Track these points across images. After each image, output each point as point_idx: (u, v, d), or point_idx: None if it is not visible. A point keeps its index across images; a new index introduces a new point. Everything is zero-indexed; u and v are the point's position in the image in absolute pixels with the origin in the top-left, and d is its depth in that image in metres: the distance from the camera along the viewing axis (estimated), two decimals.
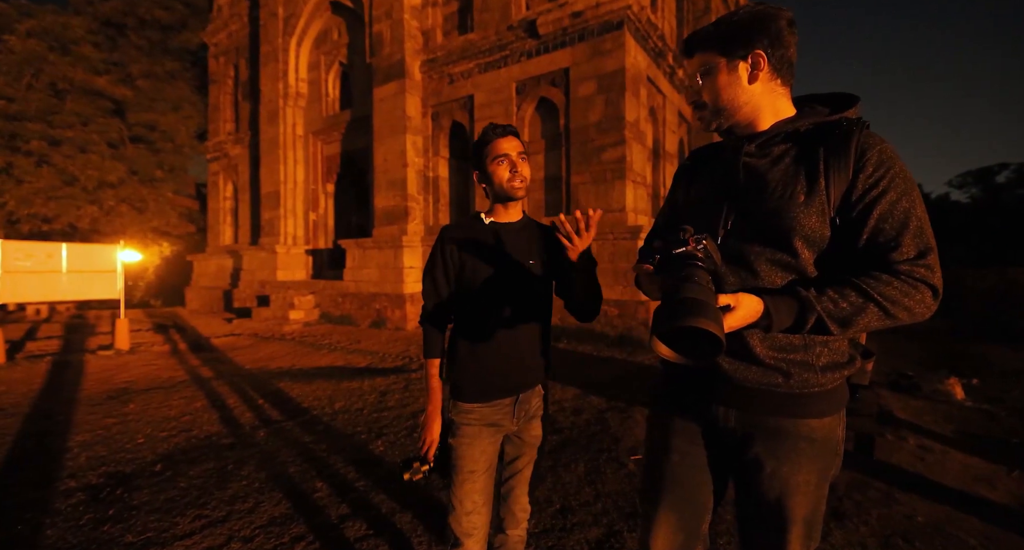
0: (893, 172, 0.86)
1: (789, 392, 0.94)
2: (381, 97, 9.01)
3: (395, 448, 3.05)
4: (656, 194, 8.43)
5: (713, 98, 0.97)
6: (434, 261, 1.41)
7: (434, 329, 1.41)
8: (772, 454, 0.96)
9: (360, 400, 4.13)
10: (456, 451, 1.35)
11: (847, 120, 0.91)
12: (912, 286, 0.84)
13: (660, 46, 7.68)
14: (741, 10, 0.93)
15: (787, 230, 0.90)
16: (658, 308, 0.82)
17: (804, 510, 0.96)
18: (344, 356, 6.26)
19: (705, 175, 1.09)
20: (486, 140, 1.38)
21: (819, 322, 0.86)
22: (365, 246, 8.95)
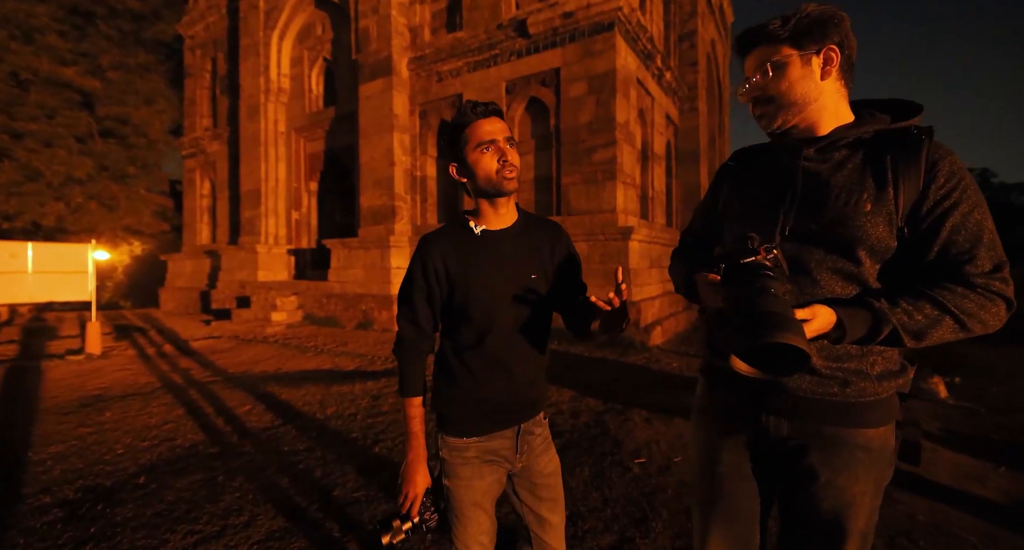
0: (964, 184, 0.85)
1: (845, 401, 0.92)
2: (367, 94, 8.84)
3: (394, 455, 2.96)
4: (645, 195, 8.49)
5: (784, 92, 0.93)
6: (412, 282, 1.17)
7: (413, 362, 1.19)
8: (828, 464, 0.93)
9: (352, 405, 4.01)
10: (453, 494, 1.17)
11: (916, 128, 0.89)
12: (989, 299, 0.83)
13: (649, 48, 7.74)
14: (807, 9, 0.92)
15: (852, 239, 0.88)
16: (731, 322, 0.79)
17: (859, 523, 0.94)
18: (331, 359, 6.10)
19: (755, 178, 1.05)
20: (464, 122, 1.12)
21: (893, 334, 0.84)
22: (351, 246, 8.76)
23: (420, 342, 1.20)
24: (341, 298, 8.82)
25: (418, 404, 1.19)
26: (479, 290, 1.15)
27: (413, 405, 1.18)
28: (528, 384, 1.21)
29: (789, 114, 0.94)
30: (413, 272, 1.18)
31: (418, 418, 1.19)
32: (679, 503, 2.32)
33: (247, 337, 7.96)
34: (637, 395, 4.15)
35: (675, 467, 2.73)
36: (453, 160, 1.17)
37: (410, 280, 1.19)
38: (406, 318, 1.20)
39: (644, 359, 5.69)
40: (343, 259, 8.92)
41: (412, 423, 1.18)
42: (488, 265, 1.16)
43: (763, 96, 0.96)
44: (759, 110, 0.98)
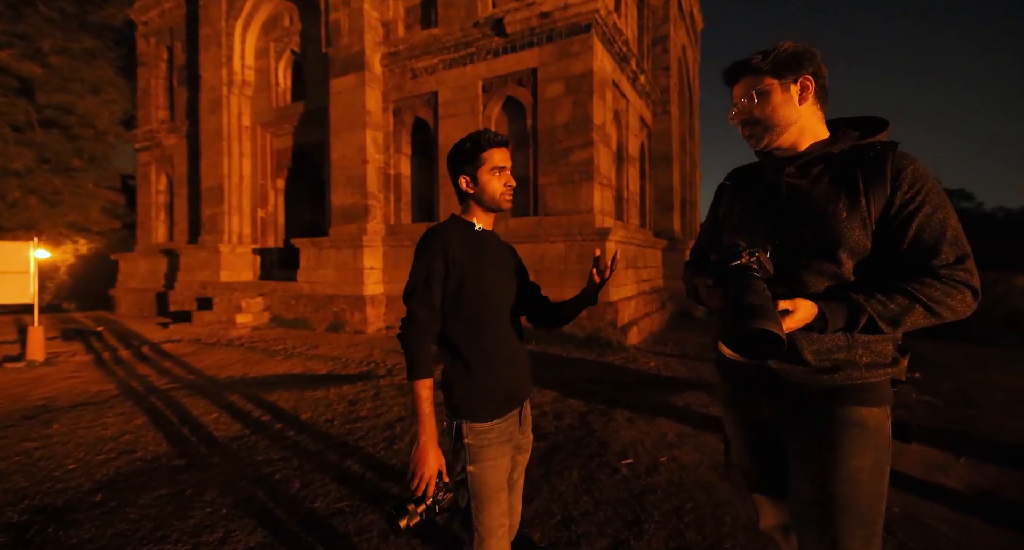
0: (927, 188, 0.97)
1: (834, 384, 1.02)
2: (338, 89, 8.58)
3: (375, 462, 2.85)
4: (620, 196, 8.59)
5: (768, 115, 1.07)
6: (431, 268, 1.27)
7: (424, 344, 1.26)
8: (823, 440, 1.02)
9: (328, 410, 3.85)
10: (479, 478, 1.26)
11: (880, 143, 1.02)
12: (954, 287, 0.94)
13: (624, 51, 7.83)
14: (784, 46, 1.07)
15: (833, 243, 1.00)
16: (721, 315, 0.94)
17: (858, 503, 0.99)
18: (303, 362, 5.87)
19: (748, 193, 1.20)
20: (481, 147, 1.32)
21: (870, 322, 0.95)
22: (321, 245, 8.47)
23: (433, 324, 1.28)
24: (311, 299, 8.51)
25: (429, 385, 1.25)
26: (492, 278, 1.31)
27: (425, 386, 1.24)
28: (525, 363, 1.42)
29: (773, 134, 1.09)
30: (432, 258, 1.27)
31: (429, 399, 1.24)
32: (669, 504, 2.34)
33: (210, 340, 7.56)
34: (618, 395, 4.17)
35: (662, 467, 2.74)
36: (465, 174, 1.34)
37: (428, 265, 1.27)
38: (421, 301, 1.27)
39: (622, 359, 5.74)
40: (313, 259, 8.62)
41: (423, 404, 1.23)
42: (494, 258, 1.35)
43: (750, 119, 1.10)
44: (748, 131, 1.12)
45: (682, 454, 2.93)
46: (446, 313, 1.31)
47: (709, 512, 2.26)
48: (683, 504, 2.33)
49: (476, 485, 1.26)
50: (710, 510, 2.28)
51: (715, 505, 2.32)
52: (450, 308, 1.30)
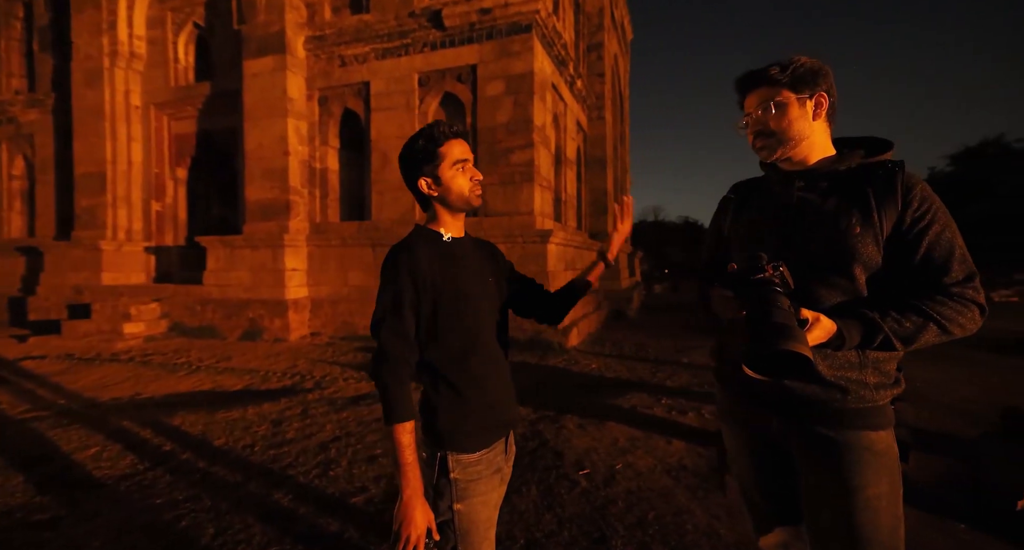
0: (935, 207, 0.99)
1: (846, 407, 1.02)
2: (254, 72, 7.74)
3: (309, 494, 2.48)
4: (558, 198, 8.64)
5: (784, 128, 1.07)
6: (399, 293, 1.11)
7: (403, 381, 1.09)
8: (838, 468, 1.01)
9: (247, 434, 3.35)
10: (468, 517, 1.11)
11: (891, 162, 1.05)
12: (964, 305, 0.96)
13: (563, 54, 7.89)
14: (801, 60, 1.06)
15: (846, 257, 1.01)
16: (746, 332, 0.90)
17: (880, 531, 0.98)
18: (212, 377, 5.14)
19: (755, 206, 1.19)
20: (437, 142, 1.17)
21: (885, 340, 0.96)
22: (234, 244, 7.58)
23: (410, 356, 1.12)
24: (221, 304, 7.58)
25: (410, 429, 1.07)
26: (471, 293, 1.17)
27: (405, 431, 1.06)
28: (512, 383, 1.27)
29: (787, 148, 1.08)
30: (398, 281, 1.11)
31: (411, 446, 1.07)
32: (632, 515, 2.28)
33: (87, 355, 6.42)
34: (566, 400, 4.10)
35: (619, 475, 2.69)
36: (425, 176, 1.18)
37: (395, 290, 1.11)
38: (393, 332, 1.10)
39: (564, 361, 5.72)
40: (224, 259, 7.68)
41: (404, 453, 1.05)
42: (468, 271, 1.20)
43: (765, 130, 1.09)
44: (760, 142, 1.11)
45: (636, 460, 2.90)
46: (422, 338, 1.15)
47: (671, 521, 2.23)
48: (645, 515, 2.28)
49: (465, 525, 1.11)
50: (671, 519, 2.24)
51: (675, 513, 2.29)
52: (427, 332, 1.15)
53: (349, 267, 7.51)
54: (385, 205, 7.51)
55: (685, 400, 4.12)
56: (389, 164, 7.46)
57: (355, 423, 3.56)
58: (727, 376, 1.23)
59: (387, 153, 7.47)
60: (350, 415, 3.74)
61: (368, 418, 3.66)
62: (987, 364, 5.50)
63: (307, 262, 7.73)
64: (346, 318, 7.43)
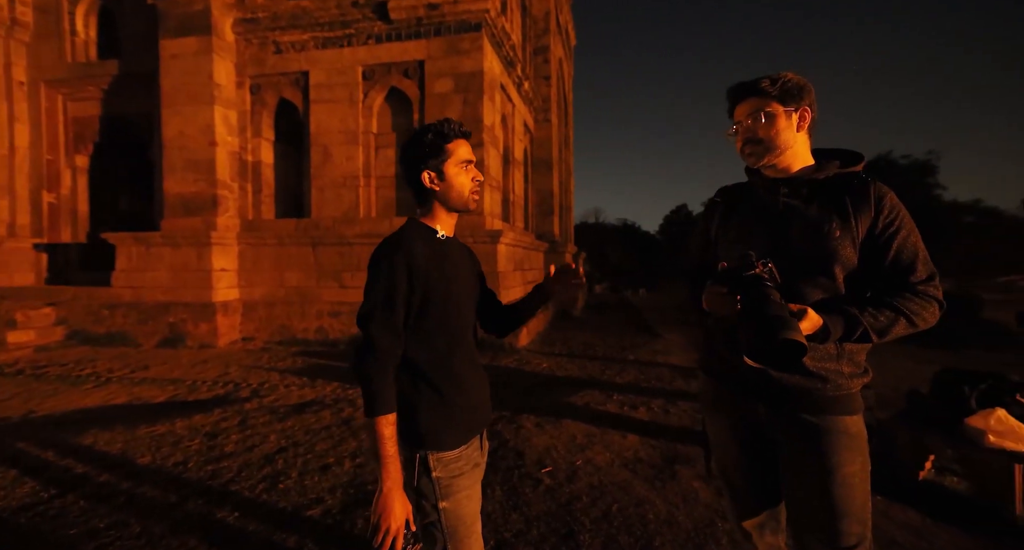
0: (902, 214, 1.11)
1: (825, 394, 1.12)
2: (174, 53, 7.04)
3: (258, 509, 2.30)
4: (507, 199, 8.66)
5: (772, 137, 1.15)
6: (393, 286, 1.11)
7: (387, 374, 1.10)
8: (819, 450, 1.11)
9: (177, 450, 3.03)
10: (455, 513, 1.12)
11: (864, 173, 1.17)
12: (927, 301, 1.08)
13: (511, 56, 7.93)
14: (788, 76, 1.16)
15: (828, 258, 1.11)
16: (744, 325, 0.98)
17: (854, 504, 1.09)
18: (127, 389, 4.60)
19: (743, 210, 1.28)
20: (446, 138, 1.18)
21: (864, 332, 1.06)
22: (151, 242, 6.83)
23: (396, 351, 1.12)
24: (134, 308, 6.81)
25: (393, 421, 1.08)
26: (457, 294, 1.19)
27: (388, 423, 1.07)
28: (488, 382, 1.30)
29: (772, 156, 1.17)
30: (394, 273, 1.11)
31: (392, 438, 1.07)
32: (597, 509, 2.32)
33: None
34: (520, 400, 4.12)
35: (580, 471, 2.74)
36: (429, 169, 1.18)
37: (389, 282, 1.11)
38: (383, 325, 1.10)
39: (515, 361, 5.75)
40: (138, 258, 6.91)
41: (386, 445, 1.06)
42: (457, 269, 1.22)
43: (754, 138, 1.17)
44: (749, 149, 1.19)
45: (594, 455, 2.97)
46: (407, 336, 1.15)
47: (633, 512, 2.30)
48: (609, 508, 2.34)
49: (452, 522, 1.12)
50: (634, 510, 2.32)
51: (637, 504, 2.37)
52: (412, 329, 1.15)
53: (286, 267, 7.05)
54: (326, 202, 7.13)
55: (635, 395, 4.28)
56: (331, 159, 7.10)
57: (302, 432, 3.34)
58: (714, 367, 1.31)
59: (328, 148, 7.10)
60: (295, 423, 3.51)
61: (316, 426, 3.45)
62: (891, 351, 6.12)
63: (238, 262, 7.15)
64: (283, 321, 6.97)
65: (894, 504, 2.35)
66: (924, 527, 2.17)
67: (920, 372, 4.93)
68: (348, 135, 7.03)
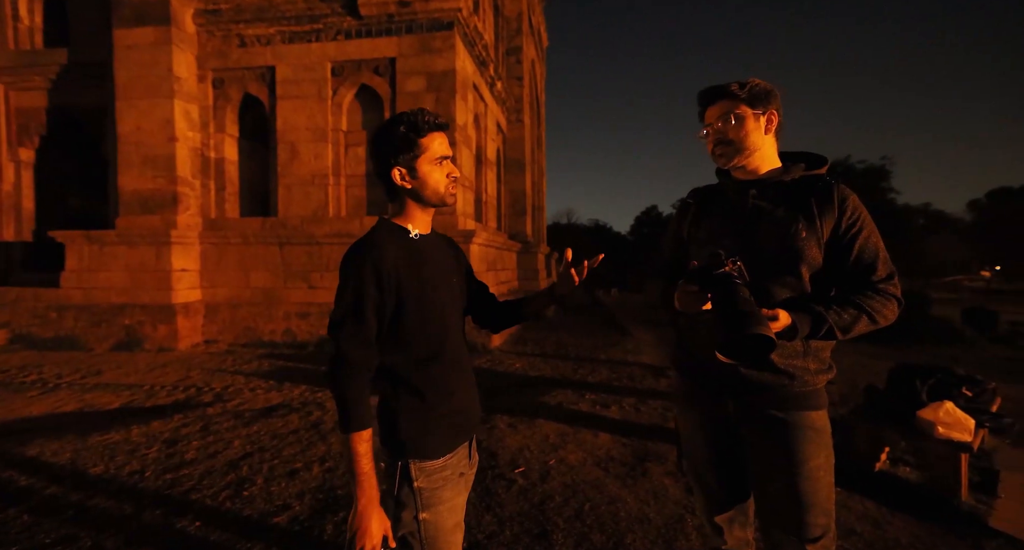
0: (864, 215, 1.15)
1: (793, 390, 1.15)
2: (129, 43, 6.71)
3: (221, 518, 2.21)
4: (479, 199, 8.64)
5: (742, 138, 1.19)
6: (363, 294, 1.03)
7: (362, 388, 1.04)
8: (785, 444, 1.14)
9: (133, 458, 2.89)
10: (434, 525, 1.07)
11: (829, 176, 1.22)
12: (887, 299, 1.12)
13: (484, 55, 7.92)
14: (756, 80, 1.19)
15: (795, 258, 1.14)
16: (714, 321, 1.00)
17: (819, 496, 1.13)
18: (77, 396, 4.35)
19: (714, 211, 1.30)
20: (420, 132, 1.08)
21: (829, 330, 1.09)
22: (104, 241, 6.49)
23: (370, 362, 1.06)
24: (86, 311, 6.45)
25: (368, 438, 1.03)
26: (434, 297, 1.12)
27: (363, 440, 1.02)
28: (476, 386, 1.23)
29: (742, 157, 1.20)
30: (362, 280, 1.04)
31: (368, 454, 1.03)
32: (569, 508, 2.33)
33: None
34: (493, 400, 4.11)
35: (553, 471, 2.74)
36: (400, 166, 1.10)
37: (358, 290, 1.04)
38: (354, 336, 1.04)
39: (488, 362, 5.74)
40: (90, 258, 6.55)
41: (361, 462, 1.01)
42: (435, 271, 1.14)
43: (724, 139, 1.20)
44: (720, 150, 1.22)
45: (567, 454, 2.97)
46: (384, 342, 1.08)
47: (606, 510, 2.31)
48: (582, 506, 2.34)
49: (431, 534, 1.07)
50: (606, 507, 2.33)
51: (609, 502, 2.39)
52: (389, 336, 1.08)
53: (252, 267, 6.82)
54: (294, 201, 6.94)
55: (607, 394, 4.33)
56: (299, 157, 6.91)
57: (268, 437, 3.24)
58: (685, 364, 1.33)
59: (296, 145, 6.91)
60: (262, 428, 3.40)
61: (283, 430, 3.36)
62: (849, 348, 6.40)
63: (200, 261, 6.87)
64: (249, 323, 6.74)
65: (853, 495, 2.43)
66: (880, 516, 2.26)
67: (876, 368, 5.14)
68: (316, 132, 6.87)
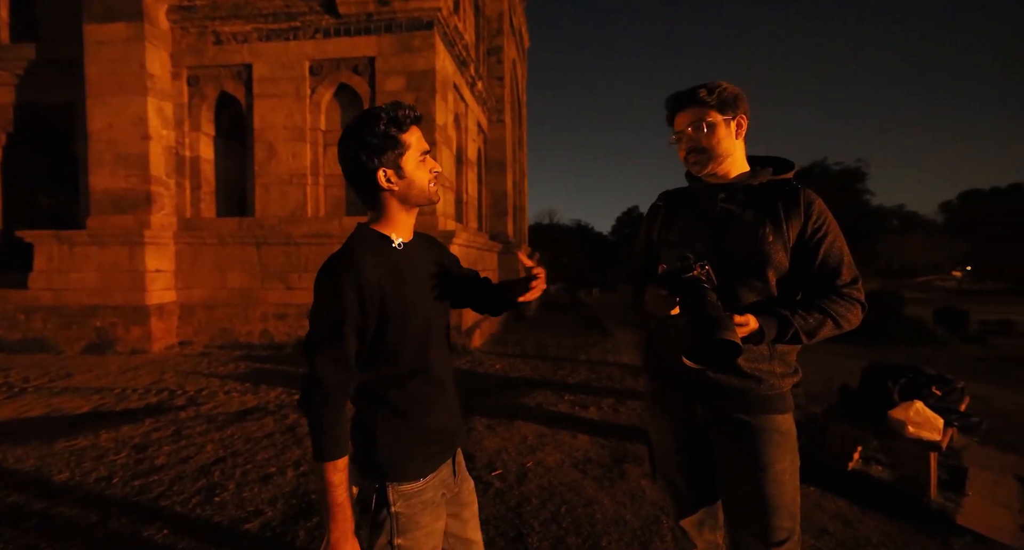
0: (829, 220, 1.16)
1: (760, 394, 1.16)
2: (101, 39, 6.55)
3: (190, 524, 2.20)
4: (460, 199, 8.64)
5: (714, 145, 1.19)
6: (342, 312, 0.95)
7: (337, 414, 0.97)
8: (752, 447, 1.14)
9: (101, 464, 2.85)
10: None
11: (795, 180, 1.22)
12: (851, 303, 1.13)
13: (464, 55, 7.91)
14: (724, 85, 1.19)
15: (762, 262, 1.14)
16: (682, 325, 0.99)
17: (784, 499, 1.14)
18: (45, 400, 4.25)
19: (683, 214, 1.30)
20: (403, 126, 0.99)
21: (795, 334, 1.09)
22: (75, 241, 6.33)
23: (348, 385, 0.99)
24: (55, 312, 6.30)
25: (343, 467, 0.96)
26: (418, 312, 1.04)
27: (337, 470, 0.95)
28: (458, 401, 1.17)
29: (715, 164, 1.21)
30: (341, 297, 0.95)
31: (343, 485, 0.96)
32: (546, 511, 2.32)
33: None
34: (473, 401, 4.10)
35: (530, 473, 2.72)
36: (386, 167, 1.00)
37: (337, 307, 0.95)
38: (330, 358, 0.96)
39: (469, 362, 5.76)
40: (60, 258, 6.39)
41: (335, 492, 0.95)
42: (418, 284, 1.06)
43: (698, 147, 1.20)
44: (694, 157, 1.22)
45: (545, 456, 2.95)
46: (363, 360, 1.00)
47: (582, 512, 2.30)
48: (558, 509, 2.33)
49: None
50: (582, 510, 2.32)
51: (585, 504, 2.38)
52: (369, 354, 1.00)
53: (228, 268, 6.73)
54: (271, 201, 6.86)
55: (586, 395, 4.34)
56: (276, 156, 6.83)
57: (242, 441, 3.22)
58: (655, 368, 1.33)
59: (273, 144, 6.83)
60: (235, 432, 3.38)
61: (257, 434, 3.34)
62: (823, 348, 6.44)
63: (175, 262, 6.76)
64: (225, 324, 6.65)
65: (826, 494, 2.46)
66: (852, 515, 2.27)
67: (850, 367, 5.21)
68: (294, 131, 6.79)
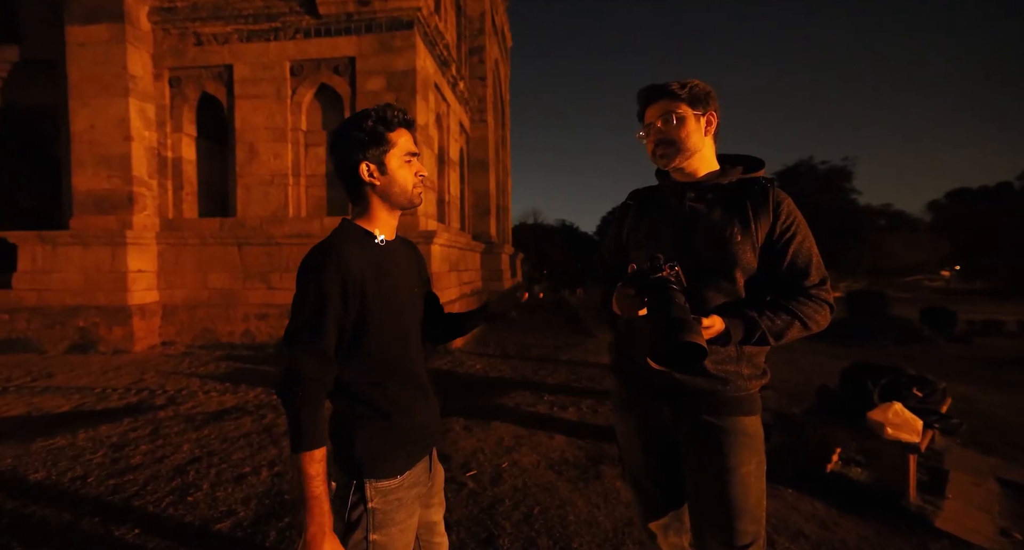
0: (798, 220, 1.15)
1: (727, 395, 1.15)
2: (82, 41, 6.55)
3: (162, 524, 2.28)
4: (441, 199, 8.71)
5: (683, 139, 1.17)
6: (324, 303, 0.97)
7: (316, 404, 0.97)
8: (718, 449, 1.13)
9: (77, 463, 2.93)
10: (385, 546, 1.02)
11: (765, 179, 1.20)
12: (819, 304, 1.12)
13: (446, 55, 7.95)
14: (696, 82, 1.18)
15: (729, 262, 1.13)
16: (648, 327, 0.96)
17: (748, 502, 1.12)
18: (25, 400, 4.32)
19: (652, 213, 1.28)
20: (389, 126, 1.04)
21: (762, 336, 1.08)
22: (58, 241, 6.37)
23: (327, 377, 0.99)
24: (38, 313, 6.34)
25: (320, 458, 0.95)
26: (398, 311, 1.06)
27: (315, 461, 0.93)
28: (435, 399, 1.17)
29: (682, 158, 1.18)
30: (325, 288, 0.97)
31: (320, 476, 0.94)
32: (518, 512, 2.33)
33: None
34: (451, 402, 4.10)
35: (505, 474, 2.73)
36: (368, 161, 1.04)
37: (319, 298, 0.96)
38: (310, 349, 0.96)
39: (448, 363, 5.82)
40: (43, 259, 6.42)
41: (312, 484, 0.93)
42: (398, 280, 1.08)
43: (666, 139, 1.18)
44: (661, 150, 1.20)
45: (521, 457, 2.96)
46: (342, 355, 1.02)
47: (555, 514, 2.30)
48: (531, 510, 2.34)
49: None
50: (555, 511, 2.32)
51: (559, 506, 2.38)
52: (348, 348, 1.02)
53: (210, 268, 6.79)
54: (253, 201, 6.91)
55: (565, 396, 4.34)
56: (257, 157, 6.88)
57: (218, 441, 3.30)
58: (623, 369, 1.31)
59: (254, 144, 6.88)
60: (212, 432, 3.46)
61: (234, 434, 3.42)
62: (805, 347, 6.55)
63: (157, 262, 6.80)
64: (206, 325, 6.72)
65: (803, 496, 2.43)
66: (829, 517, 2.24)
67: (832, 367, 5.30)
68: (275, 132, 6.84)
